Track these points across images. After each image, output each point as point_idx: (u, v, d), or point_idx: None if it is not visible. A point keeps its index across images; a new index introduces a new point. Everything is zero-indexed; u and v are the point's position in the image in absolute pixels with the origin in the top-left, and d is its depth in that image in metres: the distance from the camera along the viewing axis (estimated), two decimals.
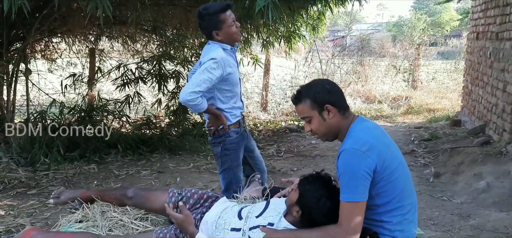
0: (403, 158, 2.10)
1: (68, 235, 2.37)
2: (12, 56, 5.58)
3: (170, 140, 6.04)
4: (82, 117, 5.76)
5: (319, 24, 7.26)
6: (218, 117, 2.87)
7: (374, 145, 1.96)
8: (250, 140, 3.19)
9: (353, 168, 1.93)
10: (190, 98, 2.66)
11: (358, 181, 1.91)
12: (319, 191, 2.08)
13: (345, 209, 1.94)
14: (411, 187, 2.12)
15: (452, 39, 21.32)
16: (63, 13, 5.50)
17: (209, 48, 2.84)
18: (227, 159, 2.96)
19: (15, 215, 3.82)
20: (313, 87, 2.08)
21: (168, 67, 6.53)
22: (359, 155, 1.93)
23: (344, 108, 2.07)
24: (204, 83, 2.69)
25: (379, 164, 1.94)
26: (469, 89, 7.28)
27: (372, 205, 2.01)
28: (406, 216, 2.05)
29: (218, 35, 2.80)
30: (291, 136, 7.16)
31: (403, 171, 2.05)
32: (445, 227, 3.69)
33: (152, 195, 2.65)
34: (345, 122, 2.08)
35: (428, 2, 28.96)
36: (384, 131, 2.14)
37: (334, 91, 2.08)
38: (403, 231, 2.04)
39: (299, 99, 2.09)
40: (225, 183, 2.99)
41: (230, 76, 2.84)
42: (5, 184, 4.50)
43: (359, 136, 2.00)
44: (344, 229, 1.92)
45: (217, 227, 2.33)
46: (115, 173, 5.01)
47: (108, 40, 7.58)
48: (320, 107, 2.05)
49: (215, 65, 2.71)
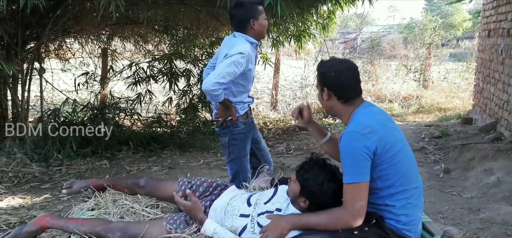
0: (407, 143, 2.11)
1: (81, 221, 2.43)
2: (27, 55, 5.69)
3: (180, 137, 6.12)
4: (94, 115, 5.85)
5: (329, 24, 7.28)
6: (229, 108, 2.88)
7: (376, 128, 1.97)
8: (256, 132, 3.21)
9: (353, 149, 1.95)
10: (213, 89, 2.65)
11: (358, 162, 1.93)
12: (320, 176, 2.09)
13: (348, 191, 1.96)
14: (415, 171, 2.12)
15: (464, 41, 21.14)
16: (76, 12, 5.61)
17: (236, 41, 2.83)
18: (235, 149, 2.98)
19: (28, 207, 3.90)
20: (325, 66, 2.12)
21: (179, 66, 6.60)
22: (359, 136, 1.95)
23: (345, 98, 2.08)
24: (229, 76, 2.68)
25: (380, 146, 1.95)
26: (481, 87, 7.24)
27: (374, 188, 2.02)
28: (410, 200, 2.05)
29: (254, 25, 2.83)
30: (301, 134, 7.18)
31: (406, 155, 2.06)
32: (455, 220, 3.68)
33: (163, 184, 2.70)
34: (346, 109, 2.09)
35: (440, 4, 28.76)
36: (389, 117, 2.16)
37: (339, 79, 2.07)
38: (407, 215, 2.05)
39: (317, 68, 2.17)
40: (232, 173, 3.02)
41: (249, 73, 2.86)
42: (19, 178, 4.59)
43: (360, 120, 2.02)
44: (349, 210, 1.95)
45: (225, 213, 2.37)
46: (126, 168, 5.09)
47: (120, 40, 7.69)
48: (321, 86, 2.12)
49: (243, 60, 2.71)
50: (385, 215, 2.06)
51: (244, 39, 2.82)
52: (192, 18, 6.33)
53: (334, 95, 2.09)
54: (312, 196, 2.09)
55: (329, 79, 2.09)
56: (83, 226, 2.38)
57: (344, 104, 2.09)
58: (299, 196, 2.13)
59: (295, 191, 2.14)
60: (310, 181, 2.09)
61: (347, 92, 2.08)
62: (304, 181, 2.11)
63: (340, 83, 2.07)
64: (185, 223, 2.36)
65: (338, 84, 2.07)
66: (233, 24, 2.95)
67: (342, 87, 2.07)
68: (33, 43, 5.79)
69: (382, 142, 1.95)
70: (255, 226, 2.22)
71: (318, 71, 2.15)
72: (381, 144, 1.95)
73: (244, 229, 2.25)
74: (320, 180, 2.08)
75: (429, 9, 28.30)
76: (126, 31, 7.08)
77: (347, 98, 2.08)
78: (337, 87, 2.08)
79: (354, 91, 2.09)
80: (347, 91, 2.08)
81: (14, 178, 4.56)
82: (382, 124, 2.02)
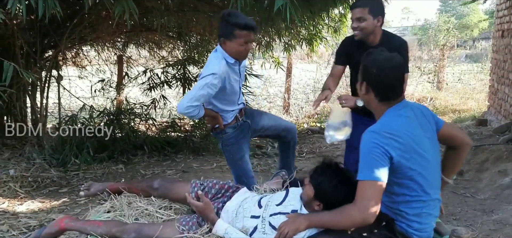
0: (435, 152, 2.06)
1: (97, 222, 2.51)
2: (45, 63, 5.86)
3: (194, 142, 6.21)
4: (110, 120, 5.98)
5: (341, 27, 7.30)
6: (214, 117, 2.92)
7: (399, 135, 1.95)
8: (257, 123, 3.13)
9: (370, 147, 1.94)
10: (187, 112, 2.71)
11: (374, 160, 1.92)
12: (333, 179, 2.13)
13: (360, 187, 1.95)
14: (436, 183, 2.09)
15: (481, 42, 20.83)
16: (93, 21, 5.75)
17: (214, 57, 2.82)
18: (229, 154, 3.04)
19: (47, 211, 4.01)
20: (369, 59, 2.09)
21: (192, 71, 6.70)
22: (379, 137, 1.94)
23: (382, 96, 2.06)
24: (202, 98, 2.71)
25: (398, 154, 1.93)
26: (495, 88, 7.18)
27: (390, 192, 2.02)
28: (425, 209, 2.05)
29: (224, 43, 2.77)
30: (313, 137, 7.21)
31: (429, 166, 2.02)
32: (468, 222, 3.67)
33: (176, 186, 2.77)
34: (381, 107, 2.07)
35: (455, 4, 28.45)
36: (420, 113, 2.10)
37: (380, 77, 2.04)
38: (420, 223, 2.06)
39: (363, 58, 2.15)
40: (235, 177, 3.08)
41: (229, 88, 2.85)
42: (38, 183, 4.72)
43: (387, 122, 2.01)
44: (358, 207, 1.93)
45: (237, 215, 2.42)
46: (141, 172, 5.19)
47: (135, 47, 7.84)
48: (362, 78, 2.12)
49: (216, 80, 2.70)
50: (397, 219, 2.06)
51: (221, 57, 2.78)
52: (204, 24, 6.44)
53: (372, 91, 2.07)
54: (326, 199, 2.13)
55: (370, 74, 2.07)
56: (99, 227, 2.46)
57: (380, 102, 2.07)
58: (314, 200, 2.17)
59: (309, 195, 2.18)
60: (324, 184, 2.13)
61: (386, 92, 2.05)
62: (318, 185, 2.15)
63: (380, 81, 2.04)
64: (198, 224, 2.42)
65: (378, 82, 2.05)
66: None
67: (381, 85, 2.05)
68: (51, 51, 5.96)
69: (401, 150, 1.93)
70: (266, 227, 2.26)
71: (361, 62, 2.12)
72: (399, 152, 1.93)
73: (255, 230, 2.29)
74: (334, 183, 2.12)
75: (443, 10, 28.04)
76: (140, 38, 7.23)
77: (384, 97, 2.06)
78: (376, 84, 2.05)
79: (393, 92, 2.06)
80: (386, 91, 2.05)
81: (33, 182, 4.69)
82: (407, 132, 1.98)
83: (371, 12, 2.86)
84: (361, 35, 2.92)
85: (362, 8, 2.87)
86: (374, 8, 2.88)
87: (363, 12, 2.87)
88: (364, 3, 2.90)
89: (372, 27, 2.89)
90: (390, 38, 3.00)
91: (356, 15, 2.90)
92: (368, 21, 2.87)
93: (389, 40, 2.96)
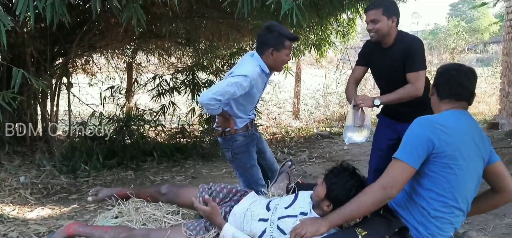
0: (477, 167, 2.04)
1: (105, 228, 2.52)
2: (55, 71, 5.92)
3: (203, 148, 6.21)
4: (120, 127, 6.02)
5: (349, 31, 7.28)
6: (228, 120, 2.91)
7: (451, 130, 1.96)
8: (262, 142, 3.21)
9: (416, 131, 1.98)
10: (209, 103, 2.70)
11: (415, 145, 1.94)
12: (348, 183, 2.12)
13: (391, 165, 1.97)
14: (468, 196, 2.05)
15: (492, 46, 20.64)
16: (102, 28, 5.81)
17: (249, 60, 2.85)
18: (239, 162, 3.01)
19: (57, 217, 4.03)
20: (446, 64, 2.28)
21: (201, 77, 6.72)
22: (430, 125, 1.97)
23: (442, 94, 2.12)
24: (227, 95, 2.71)
25: (441, 146, 1.93)
26: (507, 91, 7.09)
27: (418, 184, 2.02)
28: (447, 215, 2.02)
29: (272, 54, 2.81)
30: (323, 142, 7.18)
31: (466, 175, 1.99)
32: (480, 226, 3.61)
33: (184, 191, 2.77)
34: (441, 105, 2.13)
35: (464, 9, 28.26)
36: (480, 135, 2.08)
37: (442, 76, 2.15)
38: (439, 228, 2.02)
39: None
40: (244, 185, 3.05)
41: (252, 96, 2.88)
42: (48, 189, 4.75)
43: (442, 115, 2.06)
44: (381, 182, 1.95)
45: (245, 218, 2.41)
46: (150, 178, 5.20)
47: (145, 54, 7.90)
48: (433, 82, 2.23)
49: (246, 83, 2.72)
50: (416, 217, 2.04)
51: (257, 64, 2.82)
52: (213, 31, 6.46)
53: (435, 90, 2.15)
54: (336, 201, 2.11)
55: (436, 75, 2.19)
56: (107, 233, 2.47)
57: (440, 101, 2.12)
58: (324, 199, 2.15)
59: (320, 194, 2.16)
60: (338, 185, 2.12)
61: (445, 90, 2.11)
62: (332, 185, 2.14)
63: (442, 79, 2.14)
64: (205, 229, 2.42)
65: (440, 79, 2.14)
66: (256, 42, 2.98)
67: (442, 83, 2.13)
68: (61, 59, 6.02)
69: (446, 144, 1.93)
70: (274, 230, 2.25)
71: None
72: (444, 145, 1.93)
73: (263, 233, 2.29)
74: (348, 186, 2.11)
75: (453, 14, 27.85)
76: (150, 45, 7.27)
77: (443, 96, 2.11)
78: (438, 82, 2.15)
79: (452, 91, 2.09)
80: (445, 89, 2.10)
81: (43, 189, 4.72)
82: (461, 132, 1.99)
83: (385, 13, 2.89)
84: (377, 37, 2.96)
85: (376, 9, 2.90)
86: (388, 9, 2.90)
87: (377, 13, 2.90)
88: (378, 4, 2.93)
89: (387, 28, 2.92)
90: (404, 37, 3.01)
91: (370, 17, 2.93)
92: (382, 22, 2.89)
93: (404, 39, 2.98)
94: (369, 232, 1.98)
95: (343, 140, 3.10)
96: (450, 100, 2.09)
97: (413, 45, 2.93)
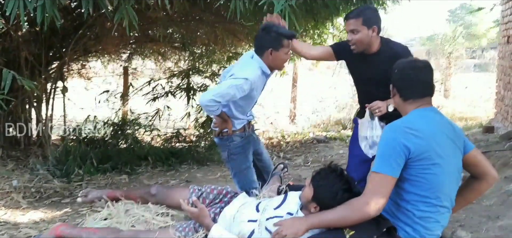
0: (456, 162, 2.04)
1: (93, 230, 2.50)
2: (50, 75, 5.91)
3: (198, 152, 6.20)
4: (115, 131, 6.00)
5: (346, 36, 7.26)
6: (226, 121, 2.90)
7: (421, 132, 1.95)
8: (259, 144, 3.21)
9: (389, 140, 1.96)
10: (209, 105, 2.69)
11: (391, 155, 1.93)
12: (335, 186, 2.09)
13: (372, 179, 1.96)
14: (451, 192, 2.05)
15: (490, 51, 20.69)
16: (97, 33, 5.80)
17: (249, 63, 2.84)
18: (235, 163, 3.00)
19: (48, 221, 4.00)
20: (395, 64, 2.18)
21: (197, 81, 6.72)
22: (401, 131, 1.95)
23: (405, 95, 2.09)
24: (227, 96, 2.70)
25: (417, 150, 1.92)
26: (502, 95, 7.10)
27: (401, 189, 2.01)
28: (434, 215, 2.01)
29: (271, 54, 2.80)
30: (319, 147, 7.17)
31: (445, 172, 1.99)
32: (473, 228, 3.60)
33: (174, 192, 2.76)
34: (406, 106, 2.10)
35: (462, 14, 28.32)
36: (451, 129, 2.07)
37: (401, 76, 2.12)
38: (426, 228, 2.02)
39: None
40: (239, 186, 3.04)
41: (250, 97, 2.87)
42: (41, 193, 4.72)
43: (411, 119, 2.03)
44: (366, 199, 1.93)
45: (234, 220, 2.39)
46: (145, 183, 5.17)
47: (141, 59, 7.90)
48: (391, 83, 2.18)
49: (246, 86, 2.71)
50: (403, 220, 2.03)
51: (257, 66, 2.81)
52: (209, 35, 6.46)
53: (396, 91, 2.12)
54: (323, 203, 2.09)
55: (393, 75, 2.15)
56: (95, 234, 2.45)
57: (404, 102, 2.10)
58: (311, 201, 2.13)
59: (307, 196, 2.14)
60: (324, 187, 2.10)
61: (407, 90, 2.09)
62: (318, 187, 2.12)
63: (401, 80, 2.11)
64: (194, 230, 2.40)
65: (399, 80, 2.12)
66: (254, 44, 2.96)
67: (402, 84, 2.10)
68: (56, 63, 6.01)
69: (420, 148, 1.92)
70: (263, 231, 2.24)
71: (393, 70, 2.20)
72: (419, 148, 1.92)
73: (252, 234, 2.27)
74: (335, 189, 2.08)
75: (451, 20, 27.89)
76: (146, 49, 7.27)
77: (406, 96, 2.09)
78: (398, 84, 2.12)
79: (414, 90, 2.08)
80: (407, 89, 2.09)
81: (36, 193, 4.69)
82: (433, 132, 1.98)
83: (365, 23, 2.76)
84: (357, 49, 2.84)
85: (356, 19, 2.78)
86: (368, 19, 2.78)
87: (356, 23, 2.77)
88: (358, 13, 2.82)
89: (367, 39, 2.79)
90: (390, 44, 2.93)
91: (350, 26, 2.81)
92: (362, 32, 2.76)
93: (389, 46, 2.90)
94: (356, 232, 1.97)
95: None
96: (414, 99, 2.07)
97: (405, 55, 2.81)
